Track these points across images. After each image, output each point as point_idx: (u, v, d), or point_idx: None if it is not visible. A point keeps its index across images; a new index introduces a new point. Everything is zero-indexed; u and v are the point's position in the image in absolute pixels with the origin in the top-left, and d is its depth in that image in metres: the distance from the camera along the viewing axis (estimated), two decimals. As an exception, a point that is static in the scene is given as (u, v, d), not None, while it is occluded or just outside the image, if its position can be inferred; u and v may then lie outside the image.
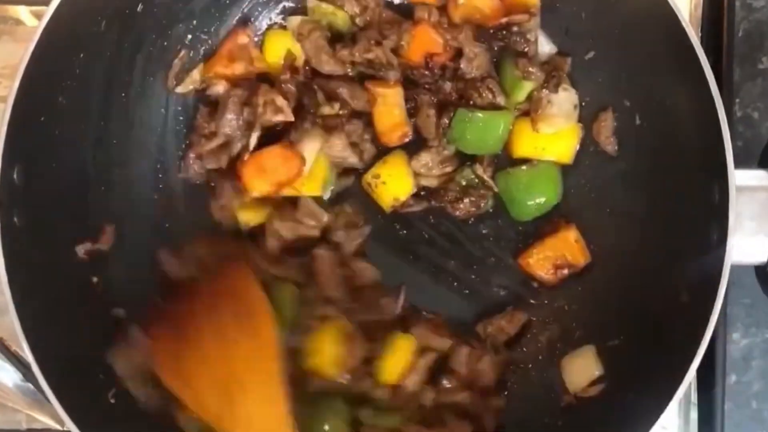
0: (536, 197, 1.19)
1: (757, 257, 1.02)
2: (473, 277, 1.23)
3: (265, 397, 0.99)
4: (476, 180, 1.20)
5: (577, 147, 1.19)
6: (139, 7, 1.11)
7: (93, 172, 1.12)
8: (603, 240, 1.19)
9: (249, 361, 1.00)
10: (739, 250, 0.98)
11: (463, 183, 1.20)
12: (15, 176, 0.99)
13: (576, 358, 1.16)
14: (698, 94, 0.99)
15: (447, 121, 1.17)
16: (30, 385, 1.17)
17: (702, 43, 1.21)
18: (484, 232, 1.23)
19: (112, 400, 1.06)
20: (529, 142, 1.18)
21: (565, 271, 1.19)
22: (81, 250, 1.10)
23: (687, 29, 1.00)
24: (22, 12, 1.27)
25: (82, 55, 1.06)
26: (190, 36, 1.19)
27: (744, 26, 1.25)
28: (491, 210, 1.22)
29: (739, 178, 0.97)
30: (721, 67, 1.23)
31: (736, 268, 1.19)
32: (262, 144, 1.16)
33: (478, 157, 1.20)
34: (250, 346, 1.00)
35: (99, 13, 1.06)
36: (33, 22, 1.26)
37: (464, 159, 1.22)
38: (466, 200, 1.19)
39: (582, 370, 1.14)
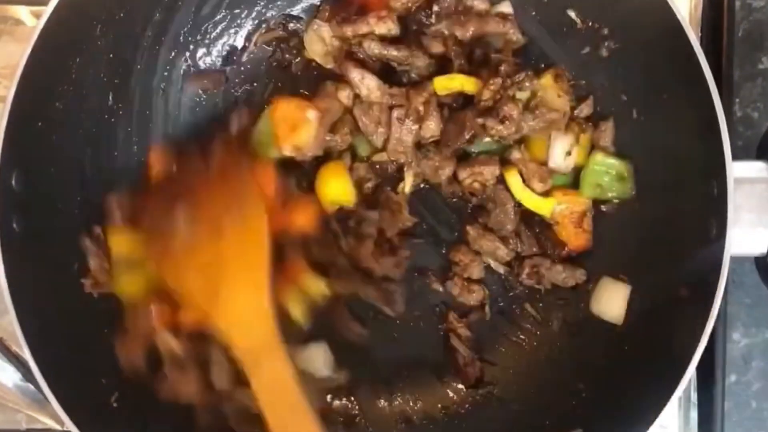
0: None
1: (756, 249, 1.02)
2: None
3: (248, 283, 1.00)
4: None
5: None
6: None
7: (91, 177, 1.12)
8: (602, 236, 1.19)
9: (236, 248, 1.01)
10: (739, 242, 0.98)
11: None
12: (13, 182, 0.99)
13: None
14: (697, 93, 0.99)
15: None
16: (30, 385, 1.17)
17: (702, 43, 1.22)
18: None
19: (115, 404, 1.07)
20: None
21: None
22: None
23: (687, 29, 1.00)
24: (22, 12, 1.27)
25: (78, 59, 1.06)
26: (181, 39, 1.19)
27: (744, 26, 1.25)
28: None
29: (738, 169, 0.97)
30: (721, 67, 1.23)
31: (736, 268, 1.19)
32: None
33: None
34: (238, 233, 1.02)
35: (94, 17, 1.06)
36: (33, 22, 1.25)
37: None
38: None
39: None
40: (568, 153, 1.16)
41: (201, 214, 1.04)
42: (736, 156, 0.97)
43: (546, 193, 1.17)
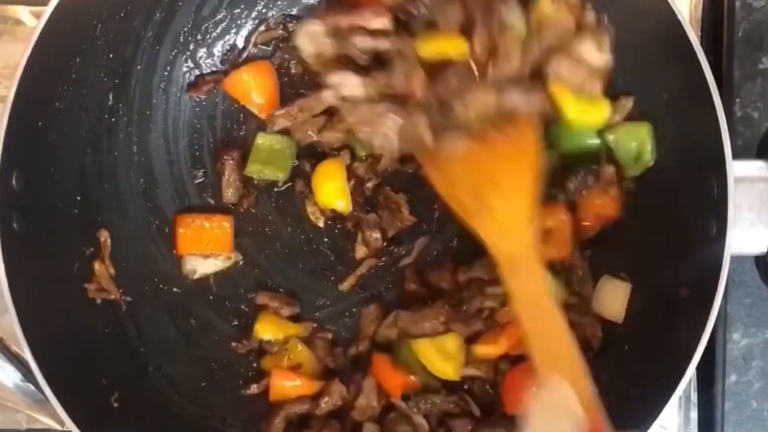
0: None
1: (756, 248, 1.02)
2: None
3: (515, 193, 1.02)
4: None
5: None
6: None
7: (91, 176, 1.13)
8: (602, 236, 1.19)
9: (507, 163, 1.03)
10: (739, 242, 0.98)
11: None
12: (13, 181, 0.99)
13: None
14: (697, 93, 0.99)
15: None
16: (30, 385, 1.17)
17: (702, 43, 1.21)
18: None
19: (115, 404, 1.07)
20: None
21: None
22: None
23: (687, 29, 1.00)
24: (22, 12, 1.27)
25: (78, 59, 1.07)
26: (182, 38, 1.19)
27: (744, 26, 1.25)
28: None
29: (738, 169, 0.97)
30: (721, 67, 1.23)
31: (736, 268, 1.19)
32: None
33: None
34: (510, 147, 1.03)
35: (94, 17, 1.07)
36: (33, 22, 1.25)
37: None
38: None
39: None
40: (598, 51, 1.04)
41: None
42: (736, 155, 0.97)
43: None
